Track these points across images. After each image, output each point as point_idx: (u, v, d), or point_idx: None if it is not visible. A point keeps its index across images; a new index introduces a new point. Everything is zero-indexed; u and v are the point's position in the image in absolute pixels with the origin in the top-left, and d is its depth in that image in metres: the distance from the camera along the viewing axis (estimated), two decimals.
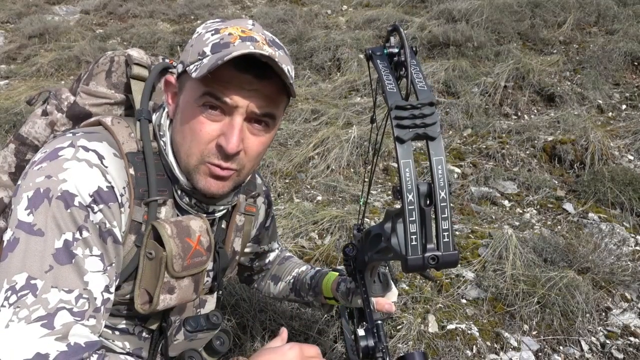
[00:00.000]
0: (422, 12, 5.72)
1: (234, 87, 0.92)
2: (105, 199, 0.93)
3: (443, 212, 0.66)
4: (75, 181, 0.90)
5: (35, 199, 0.89)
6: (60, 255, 0.87)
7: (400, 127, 0.68)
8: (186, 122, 0.98)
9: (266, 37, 0.96)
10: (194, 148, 0.98)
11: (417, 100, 0.70)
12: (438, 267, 0.67)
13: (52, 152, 0.94)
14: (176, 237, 0.98)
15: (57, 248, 0.87)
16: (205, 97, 0.94)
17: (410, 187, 0.66)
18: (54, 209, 0.88)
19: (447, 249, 0.66)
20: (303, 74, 4.75)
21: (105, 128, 1.03)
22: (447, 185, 0.67)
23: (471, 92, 3.98)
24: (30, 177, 0.91)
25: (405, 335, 1.87)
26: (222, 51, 0.91)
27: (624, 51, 4.22)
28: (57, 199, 0.88)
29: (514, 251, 2.24)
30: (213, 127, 0.96)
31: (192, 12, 6.90)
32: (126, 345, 1.14)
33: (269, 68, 0.92)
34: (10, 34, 6.70)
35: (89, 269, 0.90)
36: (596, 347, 1.91)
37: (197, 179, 1.01)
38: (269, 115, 0.98)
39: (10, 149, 1.16)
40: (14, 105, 4.08)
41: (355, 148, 3.29)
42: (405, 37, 0.74)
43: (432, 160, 0.67)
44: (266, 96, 0.95)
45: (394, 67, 0.79)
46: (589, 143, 3.11)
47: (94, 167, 0.93)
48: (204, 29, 0.99)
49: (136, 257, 1.01)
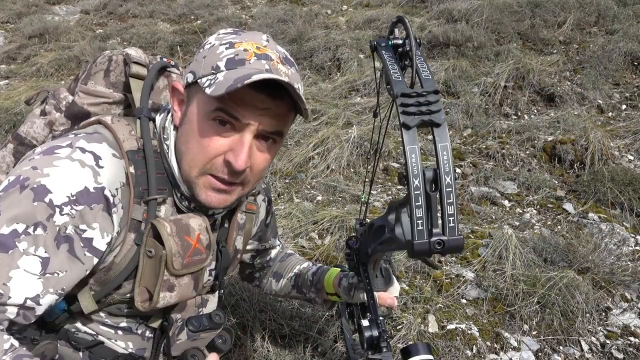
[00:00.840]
0: (422, 12, 5.72)
1: (247, 105, 0.92)
2: (87, 200, 0.91)
3: (449, 197, 0.67)
4: (58, 179, 0.89)
5: (12, 183, 0.88)
6: (2, 239, 0.84)
7: (406, 114, 0.69)
8: (194, 134, 0.97)
9: (280, 55, 0.96)
10: (198, 160, 0.97)
11: (422, 88, 0.71)
12: (444, 251, 0.67)
13: (49, 149, 0.94)
14: (176, 236, 0.98)
15: (1, 234, 0.84)
16: (217, 112, 0.93)
17: (417, 173, 0.67)
18: (21, 197, 0.86)
19: (453, 233, 0.67)
20: (303, 74, 4.75)
21: (106, 126, 1.03)
22: (453, 171, 0.68)
23: (471, 92, 3.98)
24: (19, 166, 0.92)
25: (405, 335, 1.87)
26: (237, 68, 0.91)
27: (624, 51, 4.22)
28: (29, 189, 0.87)
29: (514, 251, 2.24)
30: (221, 143, 0.95)
31: (192, 12, 6.89)
32: (129, 345, 1.14)
33: (282, 88, 0.92)
34: (10, 34, 6.70)
35: (23, 267, 0.85)
36: (596, 347, 1.91)
37: (198, 192, 1.00)
38: (278, 132, 0.99)
39: (8, 148, 1.16)
40: (14, 105, 4.08)
41: (355, 148, 3.29)
42: (410, 27, 0.76)
43: (438, 146, 0.68)
44: (277, 115, 0.96)
45: (398, 57, 0.80)
46: (589, 143, 3.11)
47: (86, 167, 0.93)
48: (217, 40, 0.98)
49: (136, 256, 1.01)
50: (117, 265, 1.00)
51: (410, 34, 0.75)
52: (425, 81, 0.72)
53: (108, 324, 1.12)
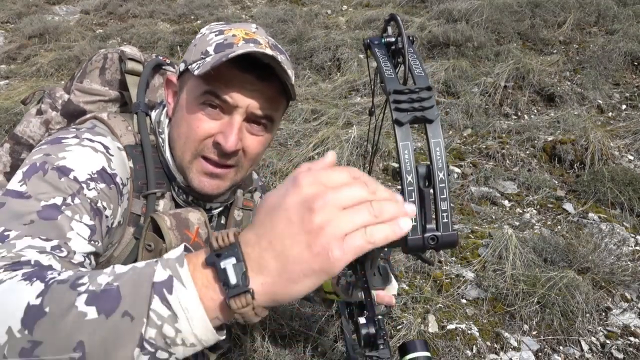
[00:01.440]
0: (422, 12, 5.72)
1: (235, 86, 0.93)
2: (106, 180, 0.90)
3: (442, 193, 0.67)
4: (76, 159, 0.88)
5: (29, 171, 0.85)
6: (45, 211, 0.80)
7: (398, 110, 0.69)
8: (184, 118, 0.98)
9: (269, 41, 0.97)
10: (190, 144, 0.98)
11: (415, 85, 0.72)
12: (438, 247, 0.67)
13: (55, 139, 0.94)
14: (175, 229, 0.98)
15: (44, 205, 0.80)
16: (206, 96, 0.94)
17: (410, 169, 0.67)
18: (47, 177, 0.84)
19: (447, 229, 0.67)
20: (303, 74, 4.75)
21: (102, 122, 1.04)
22: (446, 167, 0.68)
23: (471, 92, 3.98)
24: (29, 157, 0.91)
25: (405, 335, 1.87)
26: (225, 51, 0.92)
27: (624, 51, 4.22)
28: (52, 169, 0.85)
29: (514, 251, 2.24)
30: (211, 125, 0.96)
31: (192, 12, 6.90)
32: None
33: (271, 70, 0.92)
34: (10, 34, 6.70)
35: (75, 229, 0.82)
36: (596, 347, 1.91)
37: (191, 177, 1.01)
38: (268, 117, 0.99)
39: (5, 148, 1.16)
40: (14, 105, 4.08)
41: (355, 148, 3.29)
42: (402, 25, 0.76)
43: (431, 142, 0.68)
44: (267, 97, 0.96)
45: (391, 55, 0.80)
46: (589, 143, 3.11)
47: (99, 152, 0.93)
48: (208, 29, 1.00)
49: (135, 249, 1.01)
50: (116, 259, 1.00)
51: (402, 32, 0.75)
52: (418, 78, 0.72)
53: None
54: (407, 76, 0.74)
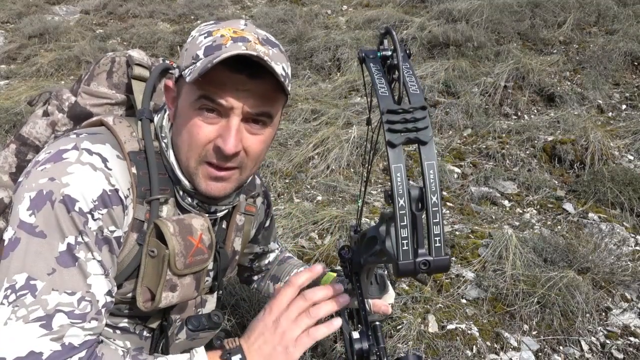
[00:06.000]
0: (422, 12, 5.72)
1: (228, 88, 0.93)
2: (109, 202, 0.94)
3: (435, 217, 0.66)
4: (79, 186, 0.91)
5: (37, 200, 0.89)
6: (63, 258, 0.88)
7: (391, 132, 0.68)
8: (184, 125, 0.98)
9: (259, 36, 0.96)
10: (193, 151, 0.98)
11: (409, 103, 0.70)
12: (429, 272, 0.66)
13: (56, 154, 0.94)
14: (178, 235, 0.98)
15: (61, 251, 0.88)
16: (201, 101, 0.94)
17: (402, 192, 0.66)
18: (57, 211, 0.88)
19: (439, 253, 0.66)
20: (303, 74, 4.76)
21: (107, 127, 1.04)
22: (439, 190, 0.66)
23: (471, 92, 3.98)
24: (34, 178, 0.92)
25: (405, 335, 1.87)
26: (214, 53, 0.91)
27: (624, 51, 4.22)
28: (59, 202, 0.89)
29: (514, 251, 2.24)
30: (210, 130, 0.96)
31: (192, 12, 6.90)
32: (127, 344, 1.14)
33: (261, 67, 0.92)
34: (10, 34, 6.70)
35: (92, 272, 0.91)
36: (596, 347, 1.91)
37: (198, 182, 1.02)
38: (265, 114, 0.98)
39: (11, 149, 1.16)
40: (14, 105, 4.08)
41: (355, 148, 3.29)
42: (398, 39, 0.73)
43: (424, 164, 0.67)
44: (260, 95, 0.95)
45: (386, 70, 0.77)
46: (589, 143, 3.11)
47: (97, 170, 0.94)
48: (197, 32, 0.99)
49: (138, 255, 1.01)
50: (119, 265, 1.01)
51: (397, 47, 0.72)
52: (412, 96, 0.71)
53: (107, 323, 1.12)
54: (402, 94, 0.72)
